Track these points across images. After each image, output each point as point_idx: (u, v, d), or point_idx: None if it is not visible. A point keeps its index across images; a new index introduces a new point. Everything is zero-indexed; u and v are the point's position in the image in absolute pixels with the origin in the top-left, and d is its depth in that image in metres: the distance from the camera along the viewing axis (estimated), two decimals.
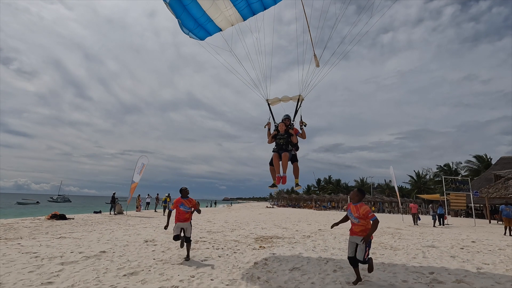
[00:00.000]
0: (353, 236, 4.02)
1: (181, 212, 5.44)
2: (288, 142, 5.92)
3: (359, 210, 3.91)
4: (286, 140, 5.92)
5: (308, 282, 4.22)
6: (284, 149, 5.84)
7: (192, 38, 6.22)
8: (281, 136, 5.98)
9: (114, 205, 18.91)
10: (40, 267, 4.63)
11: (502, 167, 33.25)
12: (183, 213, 5.44)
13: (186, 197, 5.56)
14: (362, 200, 4.05)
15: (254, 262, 5.40)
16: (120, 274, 4.35)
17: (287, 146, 5.88)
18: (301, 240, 8.62)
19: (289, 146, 5.90)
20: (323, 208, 43.30)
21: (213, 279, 4.23)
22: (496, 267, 5.54)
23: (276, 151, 5.97)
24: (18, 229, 9.93)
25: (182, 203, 5.48)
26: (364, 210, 3.88)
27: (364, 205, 3.93)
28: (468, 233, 12.71)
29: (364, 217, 3.87)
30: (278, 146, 5.95)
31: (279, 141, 5.96)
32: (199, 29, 6.00)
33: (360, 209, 3.90)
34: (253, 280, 4.23)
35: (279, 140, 5.97)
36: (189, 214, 5.53)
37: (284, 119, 6.18)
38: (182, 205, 5.46)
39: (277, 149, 5.96)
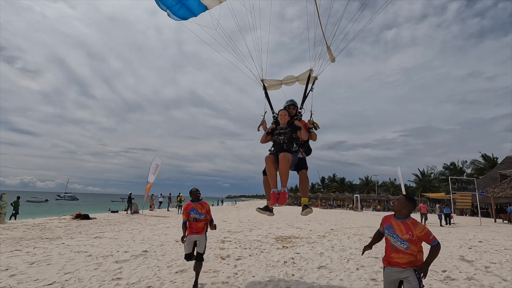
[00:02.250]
0: (394, 268, 2.62)
1: (193, 221, 4.34)
2: (293, 139, 3.89)
3: (412, 230, 2.54)
4: (289, 136, 3.88)
5: (337, 279, 4.83)
6: (286, 150, 3.82)
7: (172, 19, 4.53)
8: (281, 131, 3.94)
9: (130, 205, 19.66)
10: (100, 265, 5.30)
11: (508, 166, 33.55)
12: (194, 222, 4.31)
13: (198, 200, 4.44)
14: (410, 214, 2.69)
15: (284, 261, 6.02)
16: (172, 271, 5.00)
17: (290, 145, 3.86)
18: (318, 240, 9.22)
19: (294, 145, 3.88)
20: (329, 206, 43.87)
21: (254, 275, 4.85)
22: (503, 266, 6.10)
23: (272, 152, 3.93)
24: (51, 229, 10.66)
25: (193, 208, 4.35)
26: (421, 230, 2.52)
27: (419, 223, 2.60)
28: (475, 232, 13.23)
29: (420, 240, 2.53)
30: (277, 146, 3.90)
31: (278, 139, 3.91)
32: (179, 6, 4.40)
33: (415, 229, 2.53)
34: (288, 277, 4.85)
35: (278, 137, 3.91)
36: (203, 223, 4.35)
37: (288, 106, 4.21)
38: (193, 211, 4.32)
39: (274, 150, 3.92)
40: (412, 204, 2.66)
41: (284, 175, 3.68)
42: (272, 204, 3.82)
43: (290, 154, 3.68)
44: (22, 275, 4.56)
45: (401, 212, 2.67)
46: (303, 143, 4.13)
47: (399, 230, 2.61)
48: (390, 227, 2.71)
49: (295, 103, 4.26)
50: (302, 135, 3.94)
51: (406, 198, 2.67)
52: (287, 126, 3.99)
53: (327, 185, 71.77)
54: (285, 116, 4.02)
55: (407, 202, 2.65)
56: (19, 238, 8.26)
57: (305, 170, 3.99)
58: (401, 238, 2.57)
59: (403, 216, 2.66)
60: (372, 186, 60.89)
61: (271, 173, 3.78)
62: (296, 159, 3.87)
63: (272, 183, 3.77)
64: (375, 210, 40.77)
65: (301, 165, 3.98)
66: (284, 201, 3.71)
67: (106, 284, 4.23)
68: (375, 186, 60.25)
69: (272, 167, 3.77)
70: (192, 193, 4.45)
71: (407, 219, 2.63)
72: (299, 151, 3.98)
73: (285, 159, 3.61)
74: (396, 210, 2.73)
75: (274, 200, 3.73)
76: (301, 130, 3.93)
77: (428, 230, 2.53)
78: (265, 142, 4.19)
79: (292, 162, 3.73)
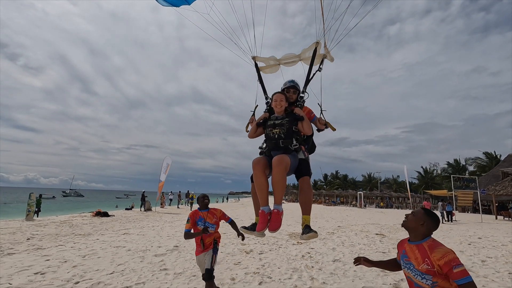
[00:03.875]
0: None
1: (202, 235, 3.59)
2: (292, 133, 2.73)
3: (431, 257, 1.76)
4: (287, 128, 2.73)
5: (351, 271, 5.55)
6: (282, 148, 2.71)
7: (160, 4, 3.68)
8: (276, 121, 2.81)
9: (144, 202, 20.50)
10: (144, 258, 6.06)
11: (510, 164, 34.09)
12: (204, 235, 3.57)
13: (206, 208, 3.74)
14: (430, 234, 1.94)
15: (302, 255, 6.76)
16: None
17: (288, 141, 2.71)
18: (328, 237, 9.96)
19: (293, 141, 2.72)
20: (333, 203, 44.64)
21: (279, 267, 5.59)
22: (498, 260, 6.81)
23: (264, 151, 2.85)
24: (78, 225, 11.49)
25: (201, 217, 3.63)
26: (441, 256, 1.71)
27: (440, 245, 1.82)
28: (475, 229, 13.92)
29: (443, 271, 1.69)
30: (270, 143, 2.78)
31: (272, 132, 2.78)
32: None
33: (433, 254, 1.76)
34: (309, 268, 5.58)
35: (272, 130, 2.79)
36: (211, 238, 3.66)
37: (286, 89, 3.12)
38: (201, 221, 3.61)
39: (267, 149, 2.82)
40: (433, 222, 1.93)
41: (279, 188, 2.50)
42: (260, 230, 2.54)
43: (287, 157, 2.53)
44: (82, 266, 5.33)
45: (418, 232, 1.93)
46: (305, 139, 2.99)
47: (414, 258, 1.87)
48: (404, 255, 1.97)
49: (296, 85, 3.12)
50: (305, 128, 2.74)
51: (425, 213, 1.95)
52: (284, 116, 2.80)
53: (329, 181, 72.58)
54: (281, 102, 2.82)
55: (427, 218, 1.92)
56: (55, 235, 9.06)
57: (307, 177, 2.80)
58: (419, 271, 1.80)
59: (419, 237, 1.92)
60: (375, 183, 61.60)
61: (261, 185, 2.57)
62: (296, 161, 2.70)
63: (262, 198, 2.58)
64: (378, 207, 41.51)
65: (302, 170, 2.79)
66: (277, 226, 2.52)
67: (157, 273, 4.99)
68: (378, 183, 60.96)
69: (262, 176, 2.57)
70: (199, 200, 3.76)
71: (423, 240, 1.88)
72: (301, 149, 2.78)
73: (281, 166, 2.45)
74: (411, 229, 1.96)
75: (263, 223, 2.53)
76: (303, 121, 2.73)
77: (454, 257, 1.67)
78: (255, 136, 3.02)
79: (291, 166, 2.62)
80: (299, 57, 3.35)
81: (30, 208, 12.92)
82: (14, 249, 6.77)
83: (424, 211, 1.99)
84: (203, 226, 3.55)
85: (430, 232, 1.94)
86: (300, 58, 3.36)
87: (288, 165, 2.56)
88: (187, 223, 3.63)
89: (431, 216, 1.96)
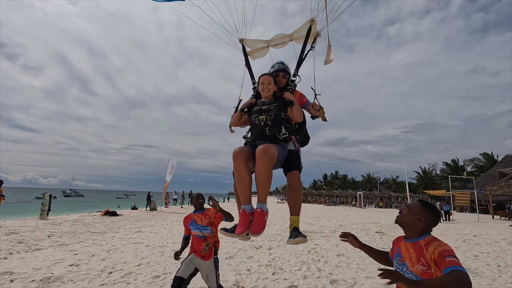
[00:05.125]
0: None
1: (195, 240, 3.21)
2: (281, 121, 2.39)
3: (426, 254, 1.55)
4: (275, 114, 2.39)
5: (354, 263, 6.08)
6: (269, 137, 2.38)
7: None
8: (263, 107, 2.46)
9: (149, 202, 21.01)
10: (163, 253, 6.58)
11: (507, 165, 34.63)
12: (198, 240, 3.17)
13: (201, 209, 3.31)
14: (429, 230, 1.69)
15: (308, 250, 7.29)
16: (223, 257, 6.27)
17: (276, 129, 2.37)
18: (331, 234, 10.49)
19: (282, 129, 2.38)
20: (333, 203, 45.18)
21: (288, 260, 6.12)
22: (489, 255, 7.35)
23: (249, 141, 2.53)
24: (91, 224, 11.99)
25: (193, 220, 3.23)
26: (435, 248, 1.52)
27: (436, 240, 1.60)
28: (471, 228, 14.48)
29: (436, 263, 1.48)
30: (256, 131, 2.44)
31: (258, 119, 2.44)
32: None
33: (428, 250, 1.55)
34: (316, 261, 6.11)
35: (258, 117, 2.44)
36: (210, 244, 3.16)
37: (274, 72, 2.70)
38: (193, 224, 3.21)
39: (252, 138, 2.50)
40: (433, 215, 1.67)
41: (263, 183, 2.12)
42: (240, 233, 2.13)
43: (274, 147, 2.17)
44: (109, 259, 5.85)
45: (414, 228, 1.68)
46: (296, 127, 2.66)
47: (408, 258, 1.64)
48: (398, 253, 1.75)
49: (286, 68, 2.72)
50: (294, 114, 2.41)
51: (422, 205, 1.70)
52: (272, 101, 2.48)
53: (329, 182, 73.19)
54: (269, 85, 2.49)
55: (424, 212, 1.67)
56: (72, 232, 9.57)
57: (297, 172, 2.40)
58: (413, 273, 1.57)
59: (416, 234, 1.67)
60: (374, 183, 62.18)
61: (242, 180, 2.20)
62: (284, 152, 2.36)
63: (244, 196, 2.22)
64: (377, 207, 42.09)
65: (291, 163, 2.41)
66: (259, 229, 2.08)
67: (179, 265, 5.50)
68: (377, 183, 61.54)
69: (244, 169, 2.19)
70: (192, 201, 3.36)
71: (421, 238, 1.63)
72: (290, 139, 2.45)
73: (265, 156, 2.07)
74: (406, 225, 1.72)
75: (243, 225, 2.14)
76: (293, 107, 2.41)
77: (450, 249, 1.49)
78: (239, 125, 2.66)
79: (279, 158, 2.25)
80: (291, 37, 3.03)
81: (44, 207, 13.42)
82: (39, 245, 7.28)
83: (421, 203, 1.73)
84: (197, 231, 3.15)
85: (429, 228, 1.66)
86: (292, 38, 3.04)
87: (275, 156, 2.17)
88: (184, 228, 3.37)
89: (430, 209, 1.69)
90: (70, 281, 4.42)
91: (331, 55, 2.90)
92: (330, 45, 2.90)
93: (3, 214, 16.43)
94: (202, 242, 3.13)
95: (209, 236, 3.15)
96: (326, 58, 2.91)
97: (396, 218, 1.80)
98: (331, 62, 2.92)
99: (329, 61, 2.92)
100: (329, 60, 2.91)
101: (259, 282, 4.63)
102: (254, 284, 4.56)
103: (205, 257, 3.13)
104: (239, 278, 4.81)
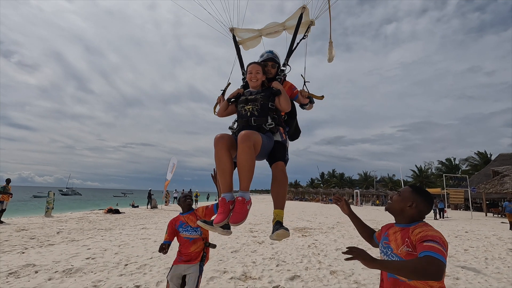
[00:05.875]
0: None
1: (184, 243, 3.01)
2: (267, 111, 2.31)
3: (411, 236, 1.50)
4: (262, 104, 2.31)
5: None
6: (254, 128, 2.23)
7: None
8: (250, 96, 2.38)
9: (150, 200, 21.33)
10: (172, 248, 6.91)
11: (500, 164, 35.38)
12: (187, 243, 2.99)
13: (190, 209, 3.15)
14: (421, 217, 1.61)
15: (308, 245, 7.70)
16: (228, 251, 6.65)
17: (262, 119, 2.28)
18: (329, 231, 10.92)
19: (268, 119, 2.28)
20: (330, 201, 45.73)
21: (290, 254, 6.51)
22: (479, 249, 7.80)
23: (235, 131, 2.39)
24: (96, 221, 12.31)
25: (182, 222, 3.06)
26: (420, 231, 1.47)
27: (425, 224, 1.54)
28: (464, 225, 15.00)
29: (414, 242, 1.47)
30: (242, 121, 2.34)
31: (244, 109, 2.35)
32: None
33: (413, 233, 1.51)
34: (316, 255, 6.51)
35: (244, 106, 2.36)
36: (199, 246, 3.00)
37: (263, 62, 2.63)
38: (183, 227, 3.03)
39: (238, 128, 2.35)
40: (425, 201, 1.59)
41: (245, 170, 2.01)
42: (218, 222, 1.97)
43: (258, 134, 2.08)
44: (122, 253, 6.20)
45: (405, 215, 1.62)
46: (286, 119, 2.64)
47: (394, 241, 1.60)
48: (385, 237, 1.70)
49: (275, 57, 2.65)
50: (282, 104, 2.34)
51: (414, 191, 1.63)
52: (260, 90, 2.42)
53: (326, 180, 73.85)
54: (257, 74, 2.42)
55: (416, 197, 1.60)
56: (80, 229, 9.89)
57: (282, 163, 2.30)
58: (397, 255, 1.54)
59: (406, 220, 1.61)
60: (370, 182, 62.88)
61: (223, 167, 2.09)
62: (270, 142, 2.26)
63: (224, 184, 2.11)
64: (374, 205, 42.74)
65: (277, 154, 2.31)
66: (240, 218, 1.91)
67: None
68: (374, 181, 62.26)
69: (225, 155, 2.08)
70: (180, 201, 3.18)
71: (412, 225, 1.56)
72: (278, 130, 2.37)
73: (248, 142, 1.98)
74: (396, 212, 1.66)
75: (222, 214, 1.99)
76: (280, 96, 2.33)
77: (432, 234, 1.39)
78: (225, 115, 2.60)
79: (263, 147, 2.15)
80: (283, 25, 2.93)
81: (49, 205, 13.70)
82: (51, 241, 7.61)
83: (413, 188, 1.63)
84: (185, 233, 2.96)
85: (421, 215, 1.57)
86: (285, 27, 2.94)
87: (258, 143, 2.05)
88: (165, 233, 3.05)
89: (422, 194, 1.60)
90: (91, 272, 4.78)
91: (333, 52, 2.80)
92: (331, 41, 2.80)
93: (8, 212, 16.66)
94: (191, 244, 2.96)
95: (198, 238, 2.98)
96: (329, 56, 2.81)
97: (386, 205, 1.73)
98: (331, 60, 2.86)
99: (332, 58, 2.84)
100: (331, 57, 2.83)
101: (265, 273, 5.02)
102: (260, 274, 4.95)
103: (191, 260, 2.95)
104: (246, 269, 5.19)
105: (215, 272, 4.98)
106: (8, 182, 11.33)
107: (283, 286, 4.42)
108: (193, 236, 2.96)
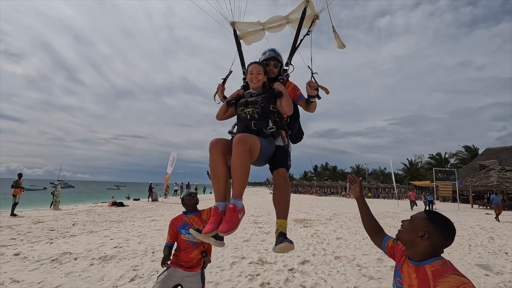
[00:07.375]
0: None
1: (185, 247, 2.68)
2: (268, 113, 2.17)
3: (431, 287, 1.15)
4: (262, 107, 2.18)
5: (352, 245, 7.22)
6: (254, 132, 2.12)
7: None
8: (250, 98, 2.25)
9: (151, 193, 21.83)
10: None
11: (487, 157, 36.93)
12: (189, 247, 2.67)
13: (195, 210, 2.83)
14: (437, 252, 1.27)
15: (310, 235, 8.42)
16: (240, 241, 7.31)
17: (263, 122, 2.15)
18: (328, 222, 11.70)
19: (269, 123, 2.15)
20: (324, 194, 46.96)
21: (297, 242, 7.21)
22: (463, 238, 8.66)
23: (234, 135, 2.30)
24: (105, 214, 12.82)
25: (185, 223, 2.73)
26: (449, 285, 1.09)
27: (455, 273, 1.14)
28: (451, 216, 16.01)
29: None
30: (241, 124, 2.24)
31: (244, 112, 2.23)
32: None
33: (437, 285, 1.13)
34: (320, 243, 7.23)
35: (244, 109, 2.23)
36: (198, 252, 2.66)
37: (265, 60, 2.49)
38: (185, 229, 2.68)
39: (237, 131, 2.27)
40: (442, 232, 1.26)
41: (238, 175, 1.86)
42: (208, 232, 1.78)
43: (255, 137, 1.95)
44: (145, 242, 6.79)
45: (416, 248, 1.31)
46: (287, 122, 2.52)
47: (407, 285, 1.32)
48: (398, 272, 1.43)
49: (278, 56, 2.52)
50: (283, 106, 2.19)
51: (428, 218, 1.30)
52: (260, 92, 2.29)
53: (319, 173, 75.29)
54: (258, 75, 2.29)
55: (430, 227, 1.27)
56: (92, 221, 10.40)
57: (283, 169, 2.18)
58: None
59: (419, 256, 1.30)
60: (362, 174, 64.47)
61: (217, 173, 1.97)
62: (270, 147, 2.13)
63: (218, 191, 1.97)
64: (366, 197, 44.10)
65: (278, 160, 2.18)
66: (230, 227, 1.76)
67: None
68: (366, 174, 63.86)
69: (220, 160, 1.96)
70: (184, 200, 2.85)
71: (428, 262, 1.26)
72: (280, 134, 2.25)
73: (243, 145, 1.83)
74: (406, 242, 1.36)
75: (213, 224, 1.83)
76: (282, 98, 2.19)
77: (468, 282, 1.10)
78: (225, 118, 2.45)
79: (263, 152, 2.01)
80: (287, 19, 2.76)
81: (56, 198, 14.10)
82: (71, 232, 8.12)
83: (427, 215, 1.32)
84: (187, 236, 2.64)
85: (437, 249, 1.27)
86: (288, 21, 2.78)
87: (256, 148, 1.92)
88: (167, 234, 2.80)
89: (438, 222, 1.28)
90: (124, 259, 5.37)
91: (340, 39, 2.71)
92: (335, 29, 2.67)
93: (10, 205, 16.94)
94: (193, 249, 2.64)
95: (200, 244, 2.66)
96: (337, 43, 2.72)
97: (397, 233, 1.43)
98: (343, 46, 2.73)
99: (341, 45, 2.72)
100: (340, 44, 2.71)
101: (278, 258, 5.69)
102: (274, 259, 5.62)
103: (192, 268, 2.62)
104: (261, 256, 5.86)
105: (234, 258, 5.62)
106: (20, 177, 11.69)
107: (297, 268, 5.10)
108: (197, 240, 2.60)
